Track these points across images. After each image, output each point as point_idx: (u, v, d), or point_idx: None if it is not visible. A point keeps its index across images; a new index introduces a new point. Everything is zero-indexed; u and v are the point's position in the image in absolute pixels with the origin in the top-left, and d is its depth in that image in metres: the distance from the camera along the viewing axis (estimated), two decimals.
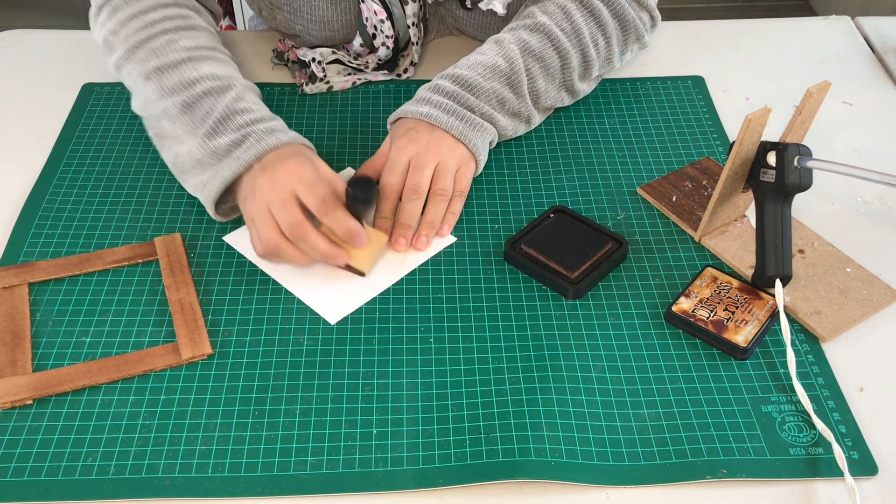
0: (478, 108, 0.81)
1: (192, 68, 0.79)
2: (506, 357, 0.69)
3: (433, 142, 0.79)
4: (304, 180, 0.72)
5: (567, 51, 0.85)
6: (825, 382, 0.67)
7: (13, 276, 0.74)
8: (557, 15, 0.86)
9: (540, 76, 0.85)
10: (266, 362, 0.69)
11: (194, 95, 0.77)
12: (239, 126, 0.76)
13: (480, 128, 0.81)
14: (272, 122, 0.77)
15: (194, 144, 0.76)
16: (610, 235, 0.77)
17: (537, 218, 0.79)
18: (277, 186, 0.72)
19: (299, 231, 0.71)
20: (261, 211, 0.72)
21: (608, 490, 0.61)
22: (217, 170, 0.75)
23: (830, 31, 1.07)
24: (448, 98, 0.81)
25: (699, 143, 0.89)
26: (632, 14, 0.88)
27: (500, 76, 0.83)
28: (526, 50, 0.84)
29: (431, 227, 0.77)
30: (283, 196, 0.71)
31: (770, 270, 0.71)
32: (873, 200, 0.83)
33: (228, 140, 0.75)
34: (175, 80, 0.78)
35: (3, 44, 1.04)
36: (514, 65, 0.83)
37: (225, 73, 0.80)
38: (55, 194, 0.83)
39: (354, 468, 0.62)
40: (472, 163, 0.81)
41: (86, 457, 0.62)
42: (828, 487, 0.61)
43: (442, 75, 0.84)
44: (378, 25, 0.90)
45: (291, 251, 0.72)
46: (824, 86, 0.71)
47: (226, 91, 0.78)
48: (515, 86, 0.83)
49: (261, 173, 0.73)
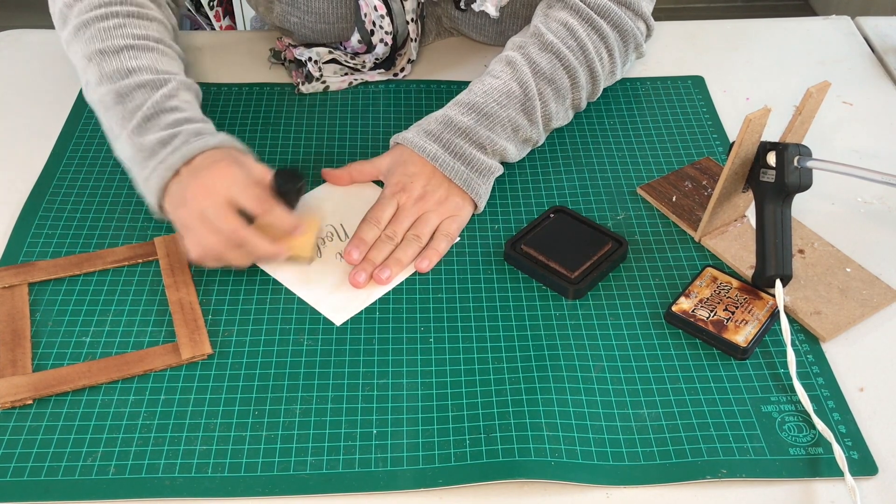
0: (490, 143, 0.80)
1: (132, 57, 0.78)
2: (506, 357, 0.69)
3: (427, 195, 0.79)
4: (237, 183, 0.71)
5: (576, 69, 0.84)
6: (825, 382, 0.67)
7: (13, 276, 0.74)
8: (562, 33, 0.85)
9: (552, 99, 0.84)
10: (266, 362, 0.69)
11: (128, 86, 0.76)
12: (166, 125, 0.74)
13: (487, 173, 0.81)
14: (201, 125, 0.76)
15: (124, 139, 0.75)
16: (610, 235, 0.77)
17: (537, 218, 0.79)
18: (210, 192, 0.70)
19: (239, 237, 0.70)
20: (193, 218, 0.71)
21: (608, 490, 0.61)
22: (148, 175, 0.73)
23: (830, 31, 1.07)
24: (461, 136, 0.80)
25: (699, 143, 0.89)
26: (630, 24, 0.88)
27: (515, 103, 0.82)
28: (538, 73, 0.83)
29: (397, 264, 0.76)
30: (218, 201, 0.70)
31: (770, 270, 0.71)
32: (873, 200, 0.83)
33: (155, 139, 0.74)
34: (113, 66, 0.77)
35: (3, 44, 1.04)
36: (528, 90, 0.82)
37: (165, 67, 0.79)
38: (55, 194, 0.83)
39: (354, 468, 0.62)
40: (470, 208, 0.80)
41: (86, 457, 0.62)
42: (828, 487, 0.61)
43: (457, 102, 0.82)
44: (377, 21, 0.90)
45: (234, 256, 0.72)
46: (824, 86, 0.71)
47: (160, 86, 0.77)
48: (530, 112, 0.83)
49: (191, 180, 0.71)
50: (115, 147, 0.78)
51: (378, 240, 0.77)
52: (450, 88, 0.96)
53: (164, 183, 0.73)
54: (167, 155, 0.73)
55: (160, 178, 0.72)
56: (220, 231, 0.70)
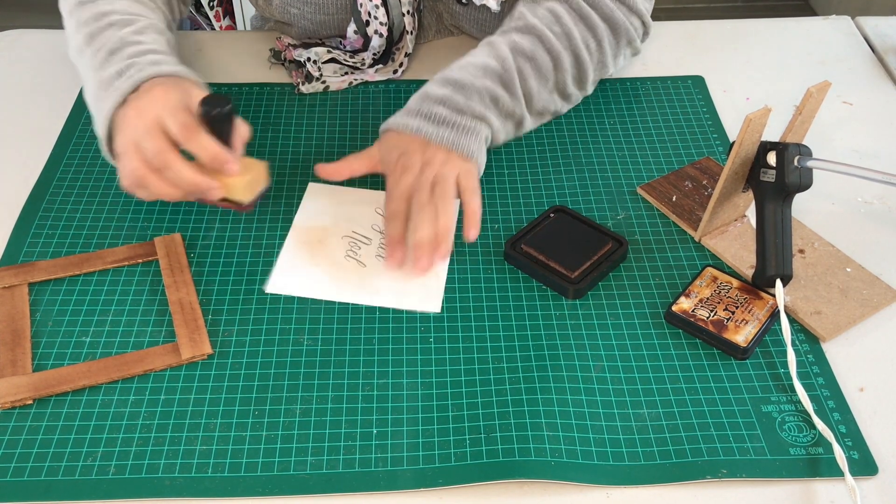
0: (469, 109, 0.80)
1: (107, 2, 0.78)
2: (506, 357, 0.69)
3: (430, 161, 0.77)
4: (168, 106, 0.68)
5: (559, 52, 0.85)
6: (825, 382, 0.67)
7: (13, 276, 0.74)
8: (547, 18, 0.85)
9: (532, 76, 0.84)
10: (266, 362, 0.69)
11: (100, 27, 0.76)
12: (127, 56, 0.74)
13: (472, 132, 0.80)
14: (160, 56, 0.74)
15: (91, 77, 0.75)
16: (610, 235, 0.77)
17: (537, 218, 0.79)
18: (142, 115, 0.68)
19: (162, 159, 0.67)
20: (126, 143, 0.69)
21: (608, 490, 0.61)
22: (100, 107, 0.72)
23: (830, 31, 1.07)
24: (439, 104, 0.80)
25: (699, 142, 0.89)
26: (621, 18, 0.88)
27: (491, 75, 0.82)
28: (517, 50, 0.83)
29: (445, 234, 0.74)
30: (147, 124, 0.68)
31: (770, 270, 0.71)
32: (874, 200, 0.83)
33: (114, 70, 0.73)
34: (90, 13, 0.78)
35: (3, 44, 1.04)
36: (506, 64, 0.82)
37: (138, 11, 0.79)
38: (55, 194, 0.83)
39: (354, 468, 0.62)
40: (472, 166, 0.79)
41: (86, 457, 0.62)
42: (828, 487, 0.61)
43: (434, 79, 0.83)
44: (372, 12, 0.90)
45: (157, 183, 0.69)
46: (824, 86, 0.71)
47: (129, 24, 0.76)
48: (508, 84, 0.82)
49: (130, 104, 0.70)
50: (86, 91, 0.77)
51: (411, 218, 0.75)
52: None
53: (112, 110, 0.71)
54: (121, 83, 0.71)
55: (110, 104, 0.71)
56: (146, 153, 0.68)
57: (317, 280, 0.75)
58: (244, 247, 0.78)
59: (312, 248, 0.78)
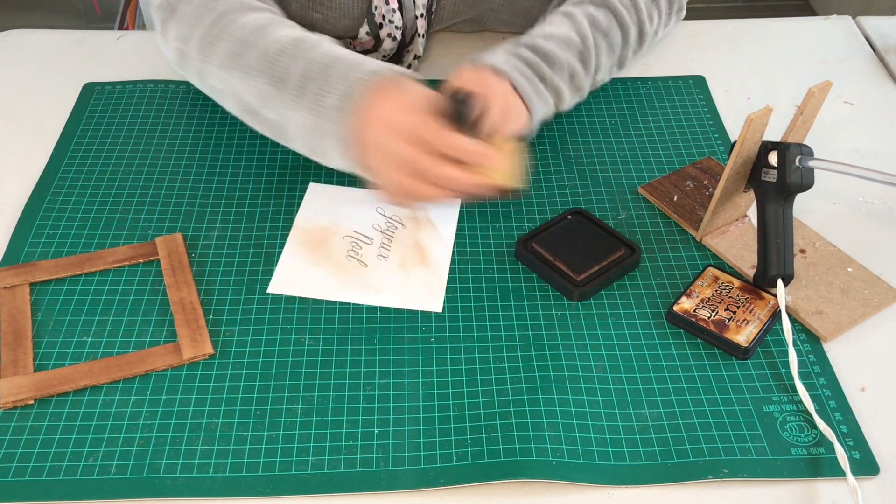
0: (550, 80, 0.81)
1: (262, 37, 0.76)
2: (507, 356, 0.69)
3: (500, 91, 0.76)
4: (414, 113, 0.69)
5: (629, 27, 0.87)
6: (827, 382, 0.67)
7: (14, 276, 0.74)
8: None
9: (604, 52, 0.86)
10: (267, 362, 0.69)
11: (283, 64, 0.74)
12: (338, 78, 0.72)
13: (544, 99, 0.81)
14: (369, 65, 0.73)
15: (301, 117, 0.73)
16: (623, 242, 0.76)
17: (554, 218, 0.79)
18: (391, 127, 0.69)
19: (423, 165, 0.68)
20: (382, 158, 0.69)
21: (609, 490, 0.61)
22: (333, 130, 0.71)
23: (831, 31, 1.07)
24: (526, 65, 0.80)
25: (700, 142, 0.89)
26: None
27: (573, 50, 0.83)
28: (595, 25, 0.85)
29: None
30: (400, 136, 0.68)
31: (772, 270, 0.71)
32: (875, 200, 0.83)
33: (336, 99, 0.71)
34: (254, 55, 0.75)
35: (3, 44, 1.04)
36: (587, 41, 0.84)
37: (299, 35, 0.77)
38: (56, 194, 0.83)
39: (356, 468, 0.62)
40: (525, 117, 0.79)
41: (87, 457, 0.62)
42: (829, 487, 0.61)
43: (517, 43, 0.82)
44: (387, 15, 0.90)
45: (426, 189, 0.69)
46: (826, 85, 0.71)
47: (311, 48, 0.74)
48: (585, 61, 0.84)
49: (366, 119, 0.70)
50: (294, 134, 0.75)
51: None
52: None
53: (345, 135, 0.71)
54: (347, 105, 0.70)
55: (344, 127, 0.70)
56: (406, 164, 0.68)
57: (319, 280, 0.75)
58: (245, 247, 0.78)
59: (313, 249, 0.78)
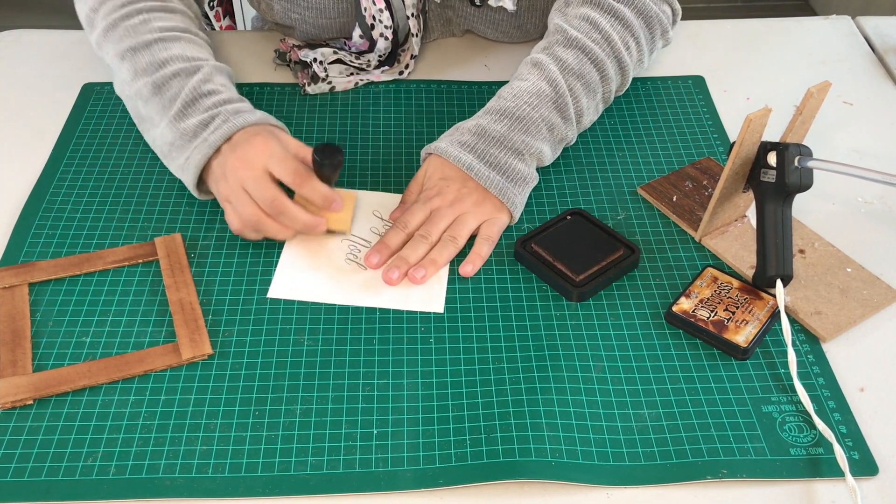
0: (526, 147, 0.79)
1: (162, 49, 0.81)
2: (506, 357, 0.69)
3: (463, 197, 0.78)
4: (275, 155, 0.74)
5: (603, 62, 0.83)
6: (826, 382, 0.67)
7: (13, 277, 0.74)
8: (584, 27, 0.83)
9: (582, 94, 0.83)
10: (266, 362, 0.69)
11: (164, 77, 0.80)
12: (206, 108, 0.78)
13: (522, 181, 0.79)
14: (239, 104, 0.79)
15: (165, 126, 0.79)
16: (623, 242, 0.76)
17: (553, 218, 0.79)
18: (249, 164, 0.74)
19: (278, 205, 0.73)
20: (235, 190, 0.74)
21: (608, 490, 0.61)
22: (189, 154, 0.77)
23: (831, 31, 1.07)
24: (495, 145, 0.79)
25: (699, 143, 0.89)
26: (654, 9, 0.86)
27: (546, 101, 0.80)
28: (565, 69, 0.82)
29: (432, 265, 0.74)
30: (256, 173, 0.73)
31: (771, 270, 0.71)
32: (874, 200, 0.83)
33: (196, 121, 0.77)
34: (146, 60, 0.81)
35: (3, 44, 1.04)
36: (559, 88, 0.81)
37: (195, 54, 0.82)
38: (55, 194, 0.83)
39: (355, 468, 0.62)
40: (506, 216, 0.79)
41: (86, 457, 0.62)
42: (828, 488, 0.61)
43: (487, 110, 0.81)
44: (377, 15, 0.90)
45: (273, 225, 0.74)
46: (825, 86, 0.71)
47: (194, 73, 0.80)
48: (562, 109, 0.81)
49: (230, 154, 0.75)
50: (153, 135, 0.82)
51: (412, 238, 0.76)
52: (455, 88, 0.96)
53: (205, 160, 0.76)
54: (208, 135, 0.76)
55: (202, 155, 0.76)
56: (260, 200, 0.73)
57: (319, 284, 0.75)
58: (244, 247, 0.78)
59: (312, 253, 0.78)
